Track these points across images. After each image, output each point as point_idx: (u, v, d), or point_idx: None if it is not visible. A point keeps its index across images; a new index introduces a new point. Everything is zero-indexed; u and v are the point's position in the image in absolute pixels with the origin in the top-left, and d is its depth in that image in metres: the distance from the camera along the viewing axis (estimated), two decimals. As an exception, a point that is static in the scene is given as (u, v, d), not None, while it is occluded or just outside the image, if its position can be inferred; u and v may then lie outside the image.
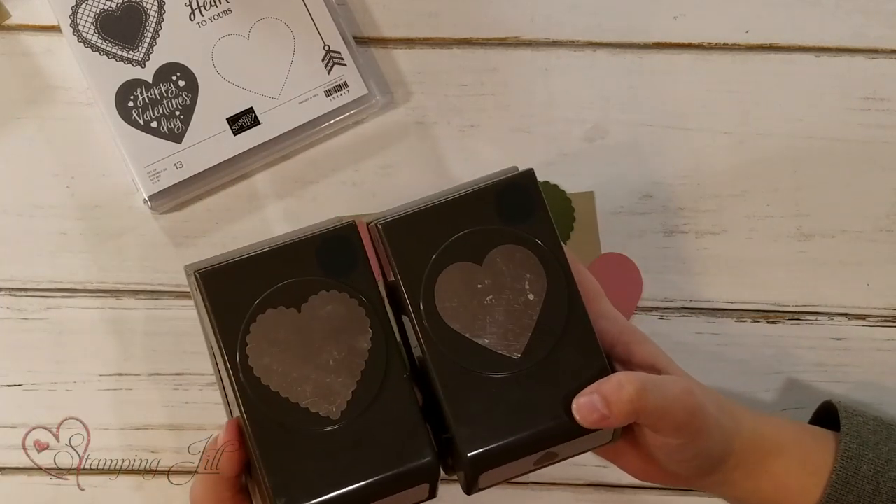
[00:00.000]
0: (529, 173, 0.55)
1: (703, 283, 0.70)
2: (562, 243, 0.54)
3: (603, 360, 0.53)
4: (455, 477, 0.55)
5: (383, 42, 0.73)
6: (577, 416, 0.51)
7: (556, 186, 0.71)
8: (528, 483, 0.67)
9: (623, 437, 0.56)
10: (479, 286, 0.53)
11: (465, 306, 0.53)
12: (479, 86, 0.73)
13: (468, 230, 0.54)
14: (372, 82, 0.71)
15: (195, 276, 0.52)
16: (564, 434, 0.52)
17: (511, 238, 0.54)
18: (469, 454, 0.51)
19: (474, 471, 0.52)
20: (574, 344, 0.53)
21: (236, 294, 0.52)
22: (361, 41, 0.73)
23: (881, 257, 0.71)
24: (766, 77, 0.73)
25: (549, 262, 0.54)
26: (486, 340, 0.53)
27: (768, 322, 0.70)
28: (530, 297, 0.53)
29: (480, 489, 0.54)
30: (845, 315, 0.70)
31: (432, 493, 0.53)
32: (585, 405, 0.51)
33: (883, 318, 0.70)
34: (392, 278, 0.54)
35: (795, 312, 0.70)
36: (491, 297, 0.53)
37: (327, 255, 0.53)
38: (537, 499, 0.67)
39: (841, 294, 0.70)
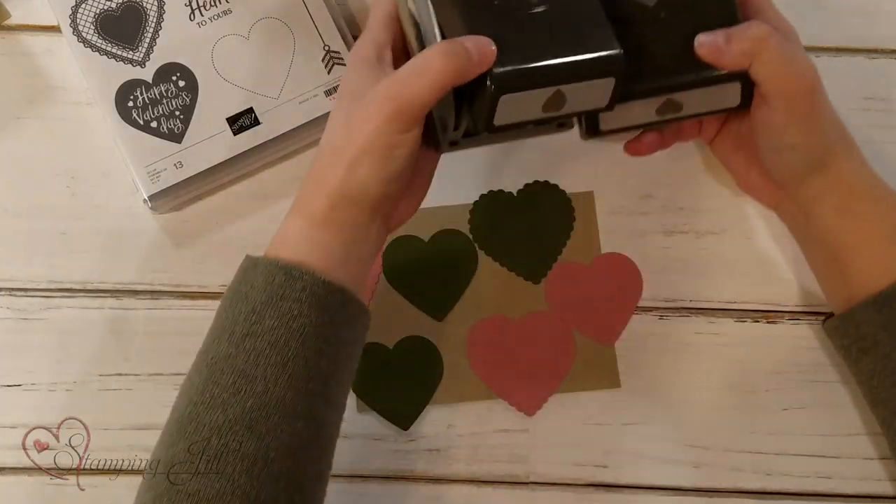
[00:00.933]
0: None
1: (703, 283, 0.70)
2: None
3: (738, 20, 0.55)
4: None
5: (383, 42, 0.73)
6: (697, 50, 0.55)
7: (555, 186, 0.71)
8: (527, 483, 0.67)
9: (732, 140, 0.61)
10: None
11: None
12: (479, 86, 0.73)
13: None
14: (372, 82, 0.71)
15: None
16: (684, 78, 0.54)
17: None
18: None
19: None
20: (713, 4, 0.55)
21: None
22: (361, 41, 0.73)
23: (881, 257, 0.71)
24: (766, 77, 0.73)
25: None
26: None
27: (768, 322, 0.70)
28: None
29: (601, 133, 0.54)
30: (845, 315, 0.70)
31: (611, 104, 0.53)
32: (708, 39, 0.55)
33: (883, 318, 0.70)
34: None
35: (795, 312, 0.70)
36: None
37: None
38: (537, 499, 0.67)
39: (841, 294, 0.70)
